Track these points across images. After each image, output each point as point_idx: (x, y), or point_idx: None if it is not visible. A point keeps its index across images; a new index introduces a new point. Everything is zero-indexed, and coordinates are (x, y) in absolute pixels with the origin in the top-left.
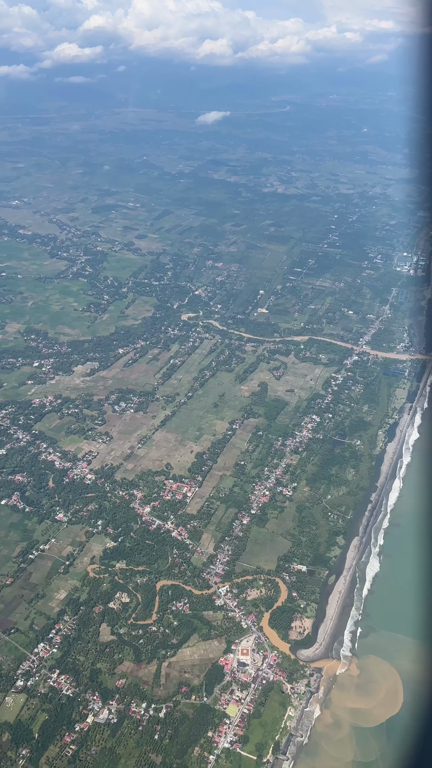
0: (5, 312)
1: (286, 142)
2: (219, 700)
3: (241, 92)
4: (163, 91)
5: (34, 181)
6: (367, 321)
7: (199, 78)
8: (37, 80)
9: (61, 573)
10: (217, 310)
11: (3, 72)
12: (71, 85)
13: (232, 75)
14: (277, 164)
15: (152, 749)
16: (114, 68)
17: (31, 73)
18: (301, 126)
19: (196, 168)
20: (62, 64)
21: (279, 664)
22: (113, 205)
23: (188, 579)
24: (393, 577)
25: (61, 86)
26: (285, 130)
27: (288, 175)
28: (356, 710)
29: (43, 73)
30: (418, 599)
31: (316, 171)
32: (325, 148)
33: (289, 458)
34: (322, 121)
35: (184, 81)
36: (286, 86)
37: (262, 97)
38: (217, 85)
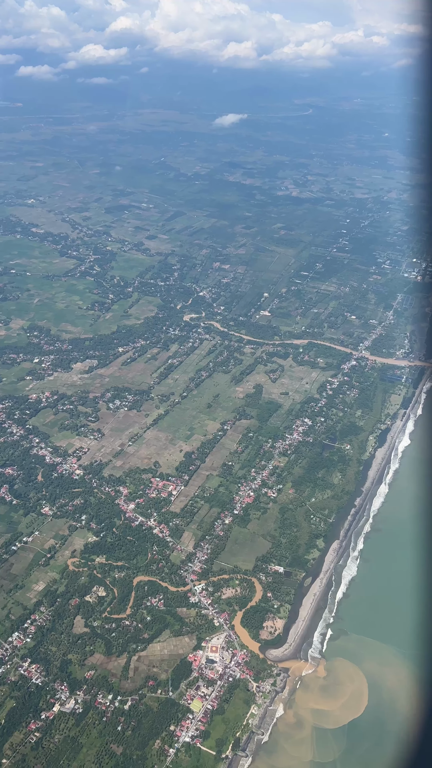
0: (11, 308)
1: (305, 146)
2: (184, 695)
3: (264, 95)
4: (186, 93)
5: (51, 180)
6: (369, 326)
7: (221, 80)
8: (59, 81)
9: (42, 565)
10: (219, 311)
11: (27, 72)
12: (94, 85)
13: (255, 78)
14: (293, 167)
15: (114, 740)
16: (137, 70)
17: (54, 73)
18: (321, 129)
19: (212, 170)
20: (86, 65)
21: (247, 663)
22: (127, 205)
23: (165, 576)
24: (369, 581)
25: (84, 87)
26: (305, 133)
27: (304, 179)
28: (319, 711)
29: (66, 73)
30: (393, 604)
31: (332, 175)
32: (344, 152)
33: (276, 460)
34: (343, 125)
35: (206, 83)
36: (310, 89)
37: (285, 100)
38: (240, 87)
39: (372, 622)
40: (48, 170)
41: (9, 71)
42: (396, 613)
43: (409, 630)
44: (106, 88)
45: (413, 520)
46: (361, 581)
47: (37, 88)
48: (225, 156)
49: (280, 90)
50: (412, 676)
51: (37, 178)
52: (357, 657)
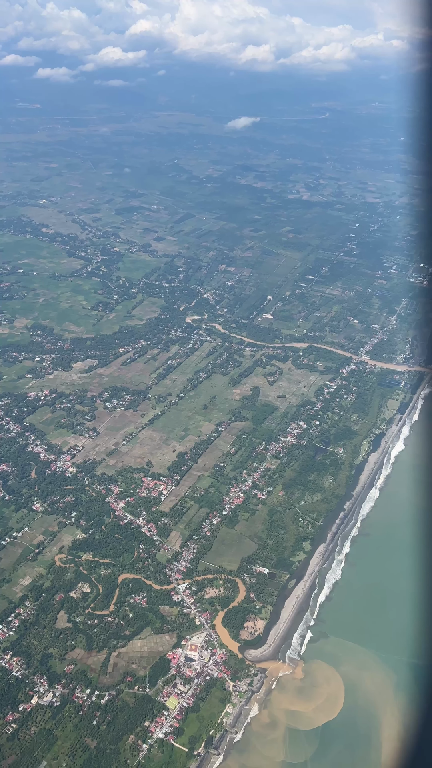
0: (16, 307)
1: (319, 149)
2: (161, 692)
3: (281, 98)
4: (203, 96)
5: (65, 181)
6: (371, 331)
7: (238, 83)
8: (76, 83)
9: (30, 560)
10: (222, 313)
11: (45, 74)
12: (111, 87)
13: (272, 81)
14: (306, 171)
15: (89, 734)
16: (155, 72)
17: (72, 75)
18: (336, 133)
19: (225, 173)
20: (104, 67)
21: (225, 662)
22: (137, 207)
23: (150, 574)
24: (353, 585)
25: (101, 89)
26: (320, 137)
27: (315, 182)
28: (294, 712)
29: (83, 75)
30: (375, 609)
31: (344, 179)
32: (358, 156)
33: (269, 462)
34: (359, 128)
35: (223, 86)
36: (328, 93)
37: (302, 104)
38: (257, 90)
39: (353, 626)
40: (62, 171)
41: (28, 73)
42: (377, 617)
43: (390, 634)
44: (123, 90)
45: (402, 526)
46: (345, 585)
47: (55, 89)
48: (238, 159)
49: (298, 93)
50: (390, 680)
51: (50, 179)
52: (335, 660)
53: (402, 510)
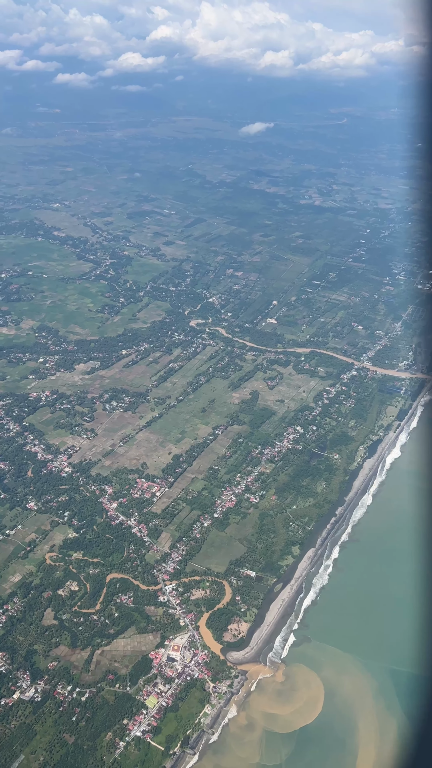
0: (23, 309)
1: (335, 155)
2: (141, 691)
3: (299, 103)
4: (221, 101)
5: (79, 185)
6: (375, 337)
7: (257, 88)
8: (94, 88)
9: (20, 558)
10: (226, 318)
11: (65, 79)
12: (130, 93)
13: (291, 86)
14: (320, 176)
15: (67, 729)
16: (173, 78)
17: (90, 81)
18: (353, 139)
19: (238, 178)
20: (123, 72)
21: (207, 663)
22: (149, 211)
23: (138, 574)
24: (339, 590)
25: (119, 94)
26: (336, 142)
27: (329, 188)
28: (271, 715)
29: (101, 81)
30: (360, 614)
31: (358, 185)
32: (373, 162)
33: (263, 466)
34: (377, 134)
35: (242, 91)
36: (347, 98)
37: (321, 109)
38: (275, 96)
39: (337, 631)
40: (77, 175)
41: (48, 78)
42: (362, 623)
43: (373, 641)
44: (142, 95)
45: (393, 532)
46: (331, 590)
47: (74, 94)
48: (253, 164)
49: (317, 99)
50: (370, 686)
51: (65, 183)
52: (317, 664)
53: (394, 517)
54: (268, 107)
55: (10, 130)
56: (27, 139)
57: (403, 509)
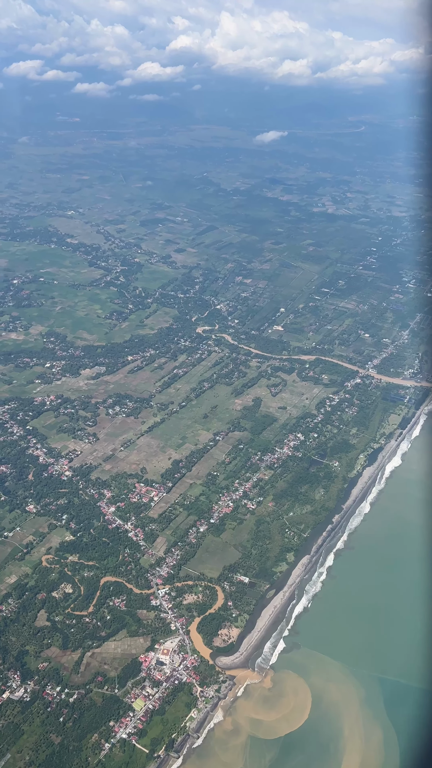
0: (33, 315)
1: (350, 163)
2: (129, 693)
3: (318, 111)
4: (239, 110)
5: (95, 192)
6: (382, 345)
7: (276, 97)
8: (112, 97)
9: (17, 559)
10: (233, 325)
11: (83, 89)
12: (148, 102)
13: (308, 94)
14: (334, 184)
15: (54, 730)
16: (190, 87)
17: (108, 90)
18: (370, 147)
19: (252, 186)
20: (142, 82)
21: (195, 668)
22: (162, 218)
23: (132, 578)
24: (332, 598)
25: (137, 103)
26: (353, 150)
27: (343, 196)
28: (257, 721)
29: (119, 90)
30: (351, 622)
31: (373, 192)
32: (389, 170)
33: (262, 473)
34: (394, 142)
35: (260, 99)
36: (365, 106)
37: (339, 117)
38: (294, 104)
39: (327, 638)
40: (93, 183)
41: (67, 88)
42: (353, 631)
43: (363, 649)
44: (161, 104)
45: (388, 541)
46: (324, 597)
47: (94, 104)
48: (268, 172)
49: (335, 107)
50: (358, 694)
51: (81, 191)
52: (305, 671)
53: (391, 525)
54: (285, 115)
55: (26, 139)
56: (46, 147)
57: (400, 518)
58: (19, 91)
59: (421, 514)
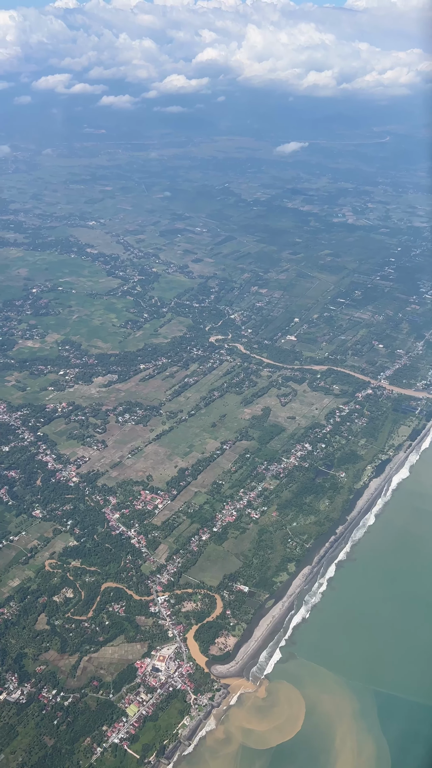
0: (50, 323)
1: (373, 173)
2: (123, 699)
3: (342, 122)
4: (263, 121)
5: (116, 203)
6: (395, 356)
7: (300, 108)
8: (136, 109)
9: (21, 563)
10: (246, 334)
11: (109, 102)
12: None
13: (332, 105)
14: (356, 195)
15: (48, 732)
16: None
17: (133, 103)
18: (394, 157)
19: (273, 196)
20: (166, 94)
21: (190, 675)
22: (181, 229)
23: (132, 584)
24: (331, 609)
25: (161, 115)
26: (376, 160)
27: (363, 206)
28: (250, 731)
29: (144, 102)
30: (349, 634)
31: (394, 203)
32: (412, 180)
33: (267, 482)
34: (418, 152)
35: (284, 111)
36: (391, 117)
37: (364, 127)
38: (318, 115)
39: (324, 650)
40: (115, 194)
41: (94, 100)
42: (350, 643)
43: (360, 661)
44: (186, 115)
45: (391, 553)
46: (323, 608)
47: (118, 116)
48: (289, 182)
49: (359, 117)
50: (353, 707)
51: (103, 201)
52: (301, 682)
53: (394, 538)
54: (310, 126)
55: (50, 151)
56: (71, 159)
57: (405, 531)
58: (47, 105)
59: (426, 527)
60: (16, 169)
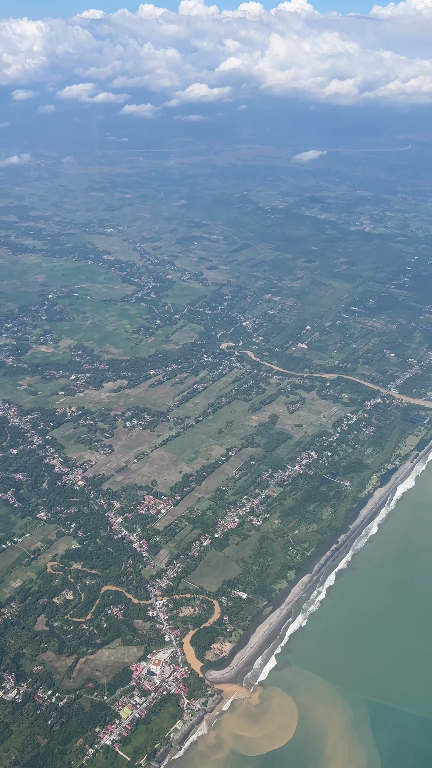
0: (64, 328)
1: (393, 182)
2: (117, 701)
3: (364, 130)
4: (284, 129)
5: (135, 211)
6: (407, 365)
7: (322, 116)
8: (157, 118)
9: (24, 564)
10: (257, 341)
11: (131, 110)
12: (196, 122)
13: (354, 113)
14: (374, 203)
15: (41, 732)
16: (236, 107)
17: (154, 111)
18: (415, 165)
19: (291, 204)
20: (188, 103)
21: (185, 680)
22: (198, 236)
23: (132, 588)
24: (328, 618)
25: (184, 123)
26: (396, 169)
27: (382, 215)
28: (241, 737)
29: (165, 111)
30: (345, 643)
31: (413, 211)
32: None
33: (271, 490)
34: None
35: (306, 119)
36: (414, 125)
37: (386, 135)
38: (340, 123)
39: (319, 658)
40: (134, 201)
41: (116, 109)
42: (346, 652)
43: (355, 670)
44: (208, 124)
45: (392, 563)
46: (321, 617)
47: (140, 124)
48: (308, 191)
49: (381, 125)
50: (346, 716)
51: (122, 209)
52: (294, 689)
53: (397, 548)
54: (331, 134)
55: (70, 159)
56: (93, 167)
57: (407, 541)
58: (70, 114)
59: (429, 537)
60: (38, 177)
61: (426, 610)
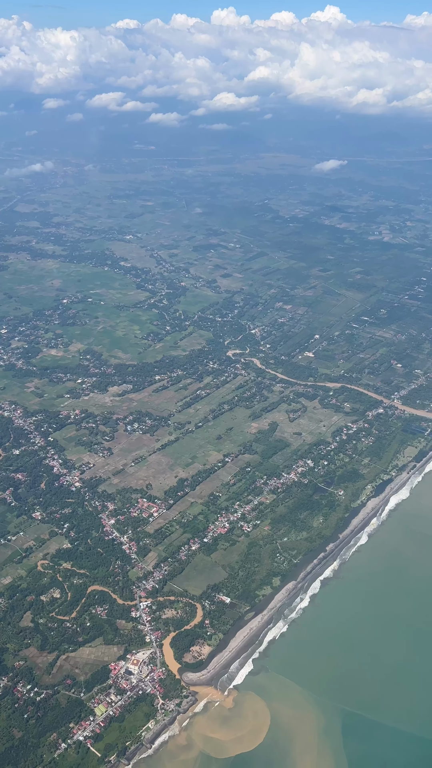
0: (75, 333)
1: (416, 191)
2: (93, 698)
3: (391, 140)
4: (311, 138)
5: (155, 218)
6: (413, 376)
7: (350, 125)
8: (182, 127)
9: (15, 562)
10: (264, 349)
11: (157, 119)
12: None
13: (381, 123)
14: (396, 213)
15: (17, 725)
16: (262, 116)
17: (179, 120)
18: None
19: (311, 213)
20: (214, 112)
21: (161, 680)
22: (215, 244)
23: (117, 589)
24: (310, 625)
25: (208, 132)
26: (421, 178)
27: (402, 224)
28: (211, 739)
29: (190, 120)
30: (323, 651)
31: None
32: None
33: (264, 497)
34: None
35: (333, 128)
36: None
37: (413, 145)
38: (367, 132)
39: (297, 665)
40: (155, 209)
41: (142, 118)
42: (324, 660)
43: (331, 678)
44: (233, 132)
45: (379, 574)
46: (302, 624)
47: (167, 133)
48: (329, 200)
49: (409, 135)
50: (318, 723)
51: (142, 216)
52: (268, 694)
53: (385, 558)
54: (357, 143)
55: (92, 166)
56: (118, 174)
57: (395, 552)
58: (97, 122)
59: (418, 549)
60: (63, 184)
61: (407, 622)
